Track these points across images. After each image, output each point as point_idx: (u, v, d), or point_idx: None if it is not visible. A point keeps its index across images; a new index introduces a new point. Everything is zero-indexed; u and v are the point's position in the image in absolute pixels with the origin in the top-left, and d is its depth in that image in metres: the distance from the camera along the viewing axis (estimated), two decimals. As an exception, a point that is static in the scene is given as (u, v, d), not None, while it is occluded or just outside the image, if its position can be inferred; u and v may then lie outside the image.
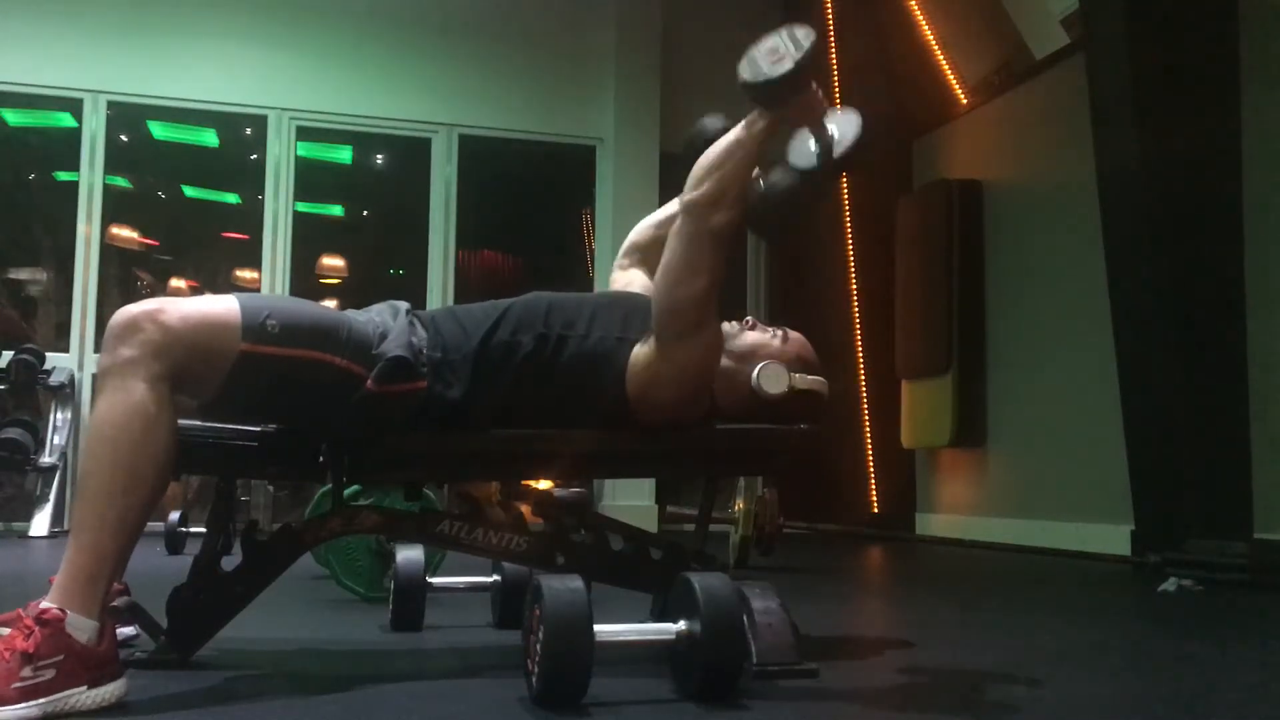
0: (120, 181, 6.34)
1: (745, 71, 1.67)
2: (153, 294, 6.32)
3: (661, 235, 2.04)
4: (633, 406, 1.77)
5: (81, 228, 5.87)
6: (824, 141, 1.73)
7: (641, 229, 2.16)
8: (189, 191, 7.17)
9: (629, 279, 2.11)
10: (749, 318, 1.96)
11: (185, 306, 1.56)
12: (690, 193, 1.71)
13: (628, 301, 1.88)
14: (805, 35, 1.65)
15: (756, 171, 1.77)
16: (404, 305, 1.80)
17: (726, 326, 1.91)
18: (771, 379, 1.81)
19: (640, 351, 1.76)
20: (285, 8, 6.25)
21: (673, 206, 2.09)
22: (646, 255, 2.10)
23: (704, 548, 1.94)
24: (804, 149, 1.75)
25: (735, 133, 1.72)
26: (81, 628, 1.40)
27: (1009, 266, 5.69)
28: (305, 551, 1.86)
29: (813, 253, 6.73)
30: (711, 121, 1.89)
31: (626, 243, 2.17)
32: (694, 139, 1.87)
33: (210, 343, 1.56)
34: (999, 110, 5.85)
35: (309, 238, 6.73)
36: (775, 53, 1.66)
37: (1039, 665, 2.01)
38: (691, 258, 1.70)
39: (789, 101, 1.69)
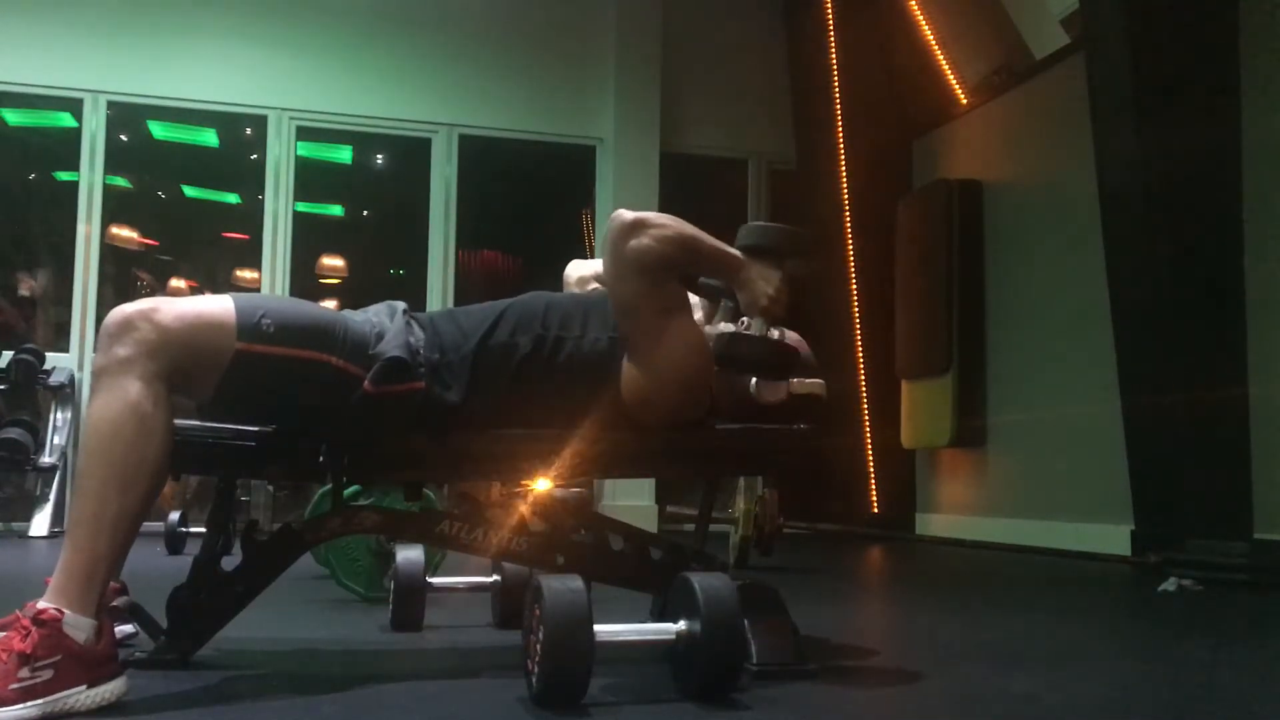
0: (120, 181, 6.34)
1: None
2: (152, 294, 6.34)
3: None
4: (630, 407, 1.77)
5: (81, 228, 5.88)
6: (762, 339, 1.77)
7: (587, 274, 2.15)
8: (189, 191, 7.17)
9: (590, 289, 2.10)
10: (745, 319, 1.96)
11: (180, 306, 1.56)
12: (624, 210, 1.74)
13: None
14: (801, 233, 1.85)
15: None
16: (401, 305, 1.80)
17: (725, 327, 1.91)
18: (770, 385, 1.81)
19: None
20: (285, 8, 6.26)
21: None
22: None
23: (704, 548, 1.94)
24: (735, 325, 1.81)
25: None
26: (79, 627, 1.39)
27: (1009, 266, 5.69)
28: (305, 551, 1.86)
29: (813, 253, 6.73)
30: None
31: (595, 264, 2.14)
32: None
33: (206, 342, 1.56)
34: (999, 110, 5.85)
35: (309, 238, 6.73)
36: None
37: (1039, 665, 2.01)
38: (615, 269, 1.73)
39: (750, 250, 1.77)
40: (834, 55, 6.50)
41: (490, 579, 2.35)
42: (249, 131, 6.42)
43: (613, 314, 1.77)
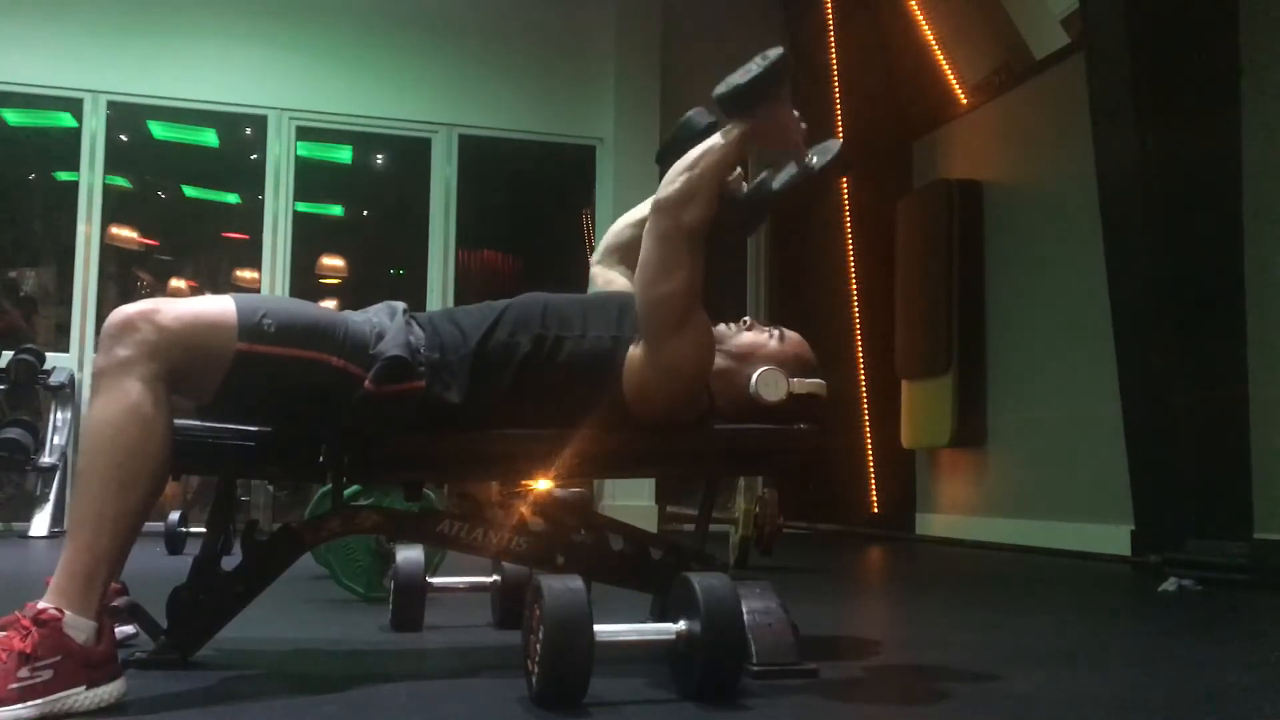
0: (120, 181, 6.34)
1: (720, 86, 1.74)
2: (153, 294, 6.34)
3: (638, 234, 2.06)
4: (630, 406, 1.77)
5: (81, 228, 5.88)
6: (801, 168, 1.80)
7: (618, 229, 2.17)
8: (189, 191, 7.18)
9: (609, 278, 2.11)
10: (745, 318, 1.97)
11: (181, 306, 1.56)
12: (662, 191, 1.74)
13: (621, 300, 1.87)
14: (774, 52, 1.72)
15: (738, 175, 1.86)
16: (401, 305, 1.80)
17: (723, 328, 1.91)
18: (769, 386, 1.81)
19: (636, 352, 1.76)
20: (285, 8, 6.26)
21: (646, 206, 2.11)
22: (625, 255, 2.10)
23: (704, 548, 1.94)
24: (785, 175, 1.83)
25: (711, 138, 1.76)
26: (79, 628, 1.39)
27: (1009, 266, 5.69)
28: (305, 551, 1.86)
29: (813, 253, 6.74)
30: (697, 116, 1.92)
31: (604, 243, 2.18)
32: (679, 133, 1.91)
33: (206, 342, 1.56)
34: (999, 110, 5.85)
35: (309, 238, 6.73)
36: (746, 69, 1.72)
37: (1039, 665, 2.01)
38: (665, 255, 1.71)
39: (754, 109, 1.72)
40: (834, 55, 6.50)
41: (490, 579, 2.35)
42: (249, 131, 6.43)
43: (641, 307, 1.73)
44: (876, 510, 6.33)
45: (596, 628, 1.46)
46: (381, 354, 1.67)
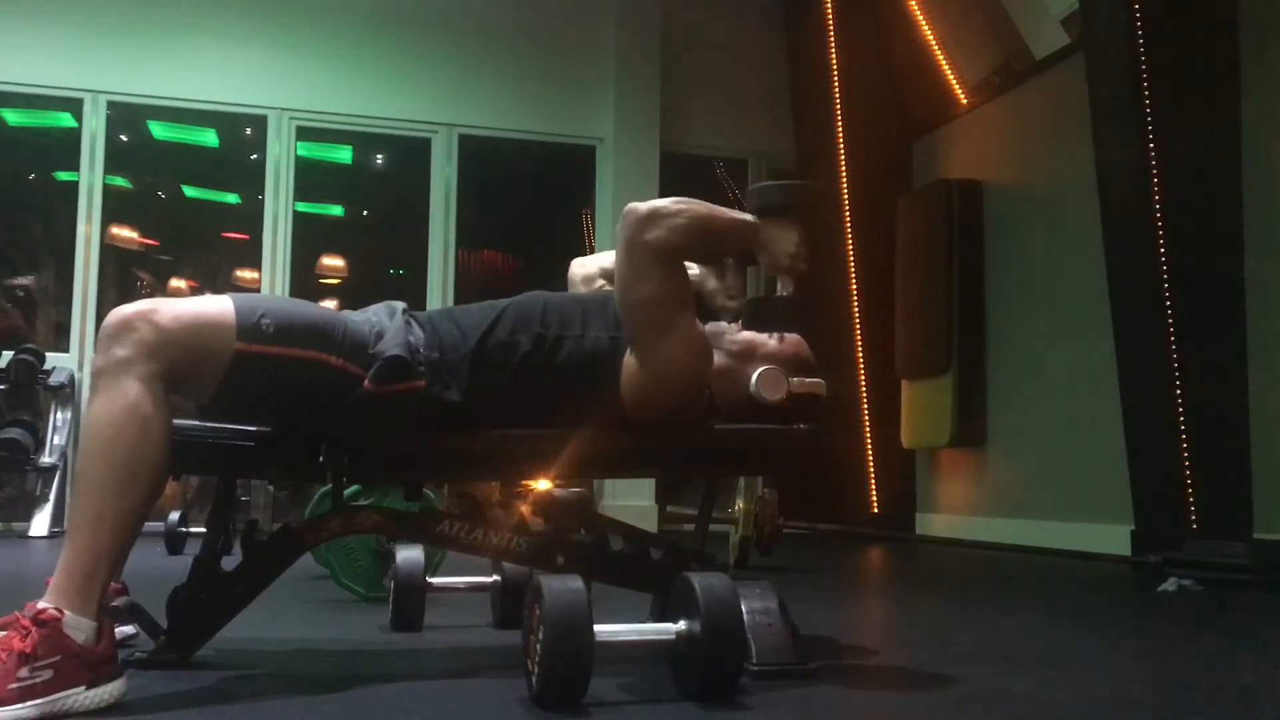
0: (120, 181, 6.34)
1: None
2: (152, 294, 6.35)
3: None
4: (629, 407, 1.77)
5: (81, 228, 5.88)
6: (779, 296, 1.88)
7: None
8: (189, 191, 7.18)
9: (595, 287, 2.11)
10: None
11: (179, 306, 1.56)
12: (640, 202, 1.74)
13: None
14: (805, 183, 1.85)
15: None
16: (400, 305, 1.80)
17: (723, 325, 1.91)
18: (770, 385, 1.81)
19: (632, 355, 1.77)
20: (285, 8, 6.26)
21: None
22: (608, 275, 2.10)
23: (704, 548, 1.94)
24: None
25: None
26: (79, 628, 1.39)
27: (1009, 266, 5.69)
28: (305, 551, 1.86)
29: (812, 252, 6.73)
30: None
31: (594, 260, 2.16)
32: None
33: (205, 342, 1.56)
34: (999, 110, 5.85)
35: (309, 238, 6.73)
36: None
37: (1039, 665, 2.01)
38: (632, 265, 1.72)
39: (764, 215, 1.80)
40: (834, 55, 6.50)
41: (490, 579, 2.36)
42: (249, 131, 6.43)
43: (620, 311, 1.76)
44: (876, 510, 6.33)
45: (596, 628, 1.46)
46: (381, 353, 1.67)
